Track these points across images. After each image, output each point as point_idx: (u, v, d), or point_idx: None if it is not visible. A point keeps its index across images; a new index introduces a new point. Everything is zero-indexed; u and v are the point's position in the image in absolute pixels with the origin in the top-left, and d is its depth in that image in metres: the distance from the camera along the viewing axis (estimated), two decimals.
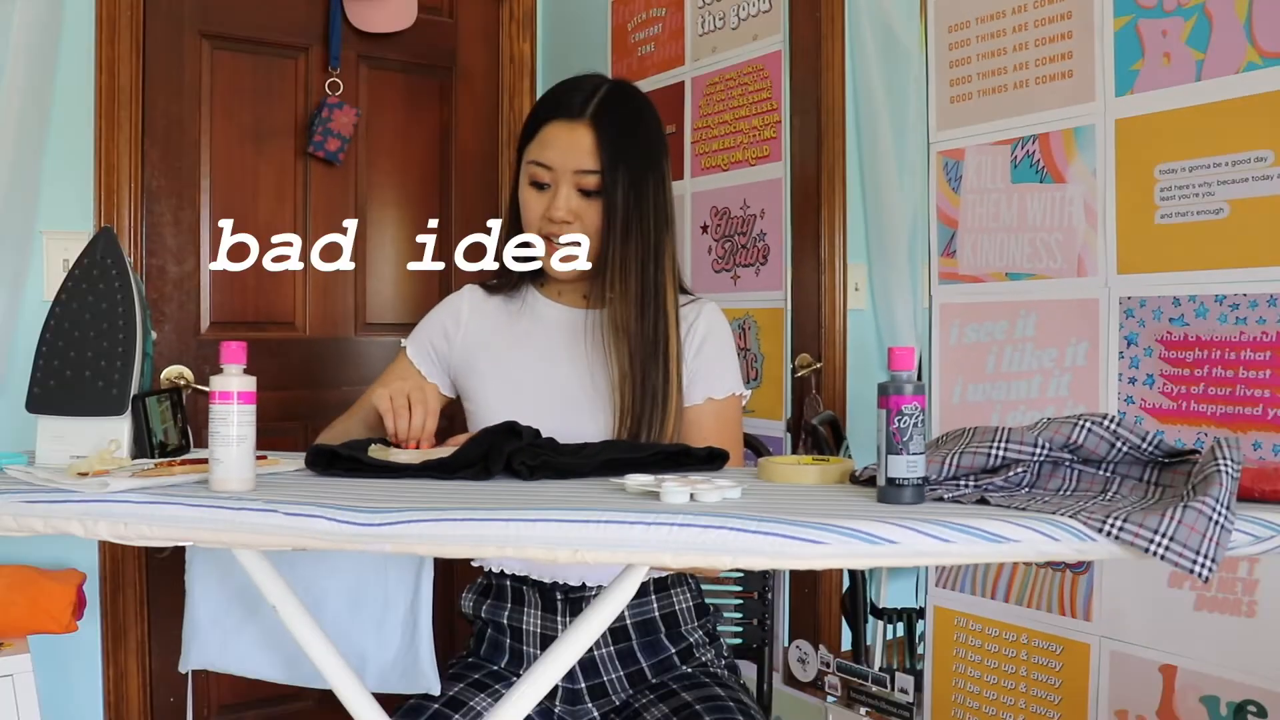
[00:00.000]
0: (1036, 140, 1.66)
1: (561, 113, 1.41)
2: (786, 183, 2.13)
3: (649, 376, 1.39)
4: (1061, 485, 1.06)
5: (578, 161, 1.39)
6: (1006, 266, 1.71)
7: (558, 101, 1.43)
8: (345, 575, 1.32)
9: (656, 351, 1.40)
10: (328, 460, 1.17)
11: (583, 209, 1.41)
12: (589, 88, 1.43)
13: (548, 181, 1.42)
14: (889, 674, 1.91)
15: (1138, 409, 1.53)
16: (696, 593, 1.52)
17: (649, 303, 1.41)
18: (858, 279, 2.11)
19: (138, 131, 2.28)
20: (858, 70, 2.09)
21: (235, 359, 1.08)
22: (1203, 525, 0.88)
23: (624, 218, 1.39)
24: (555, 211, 1.40)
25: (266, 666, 1.35)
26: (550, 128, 1.41)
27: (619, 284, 1.40)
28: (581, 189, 1.40)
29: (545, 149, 1.41)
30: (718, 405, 1.47)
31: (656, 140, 1.47)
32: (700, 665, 1.48)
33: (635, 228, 1.40)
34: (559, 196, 1.40)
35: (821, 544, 0.88)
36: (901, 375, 1.02)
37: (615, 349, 1.40)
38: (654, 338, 1.40)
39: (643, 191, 1.41)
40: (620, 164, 1.39)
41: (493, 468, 1.13)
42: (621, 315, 1.40)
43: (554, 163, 1.40)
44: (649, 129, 1.46)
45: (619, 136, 1.40)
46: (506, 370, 1.49)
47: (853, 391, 2.09)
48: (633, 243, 1.40)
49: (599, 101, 1.41)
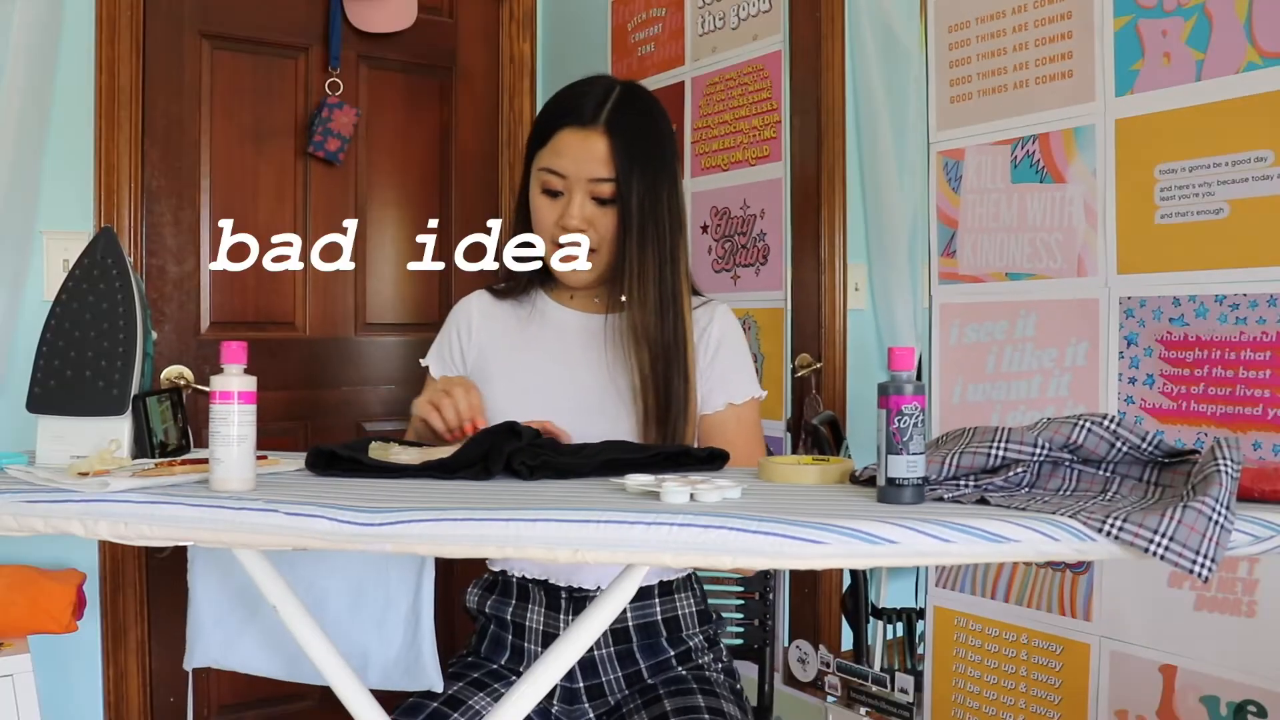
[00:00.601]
0: (1036, 140, 1.66)
1: (574, 119, 1.39)
2: (786, 183, 2.13)
3: (672, 382, 1.39)
4: (1061, 485, 1.07)
5: (592, 170, 1.38)
6: (1006, 266, 1.71)
7: (570, 107, 1.41)
8: (346, 574, 1.32)
9: (677, 357, 1.40)
10: (328, 461, 1.18)
11: (596, 216, 1.40)
12: (600, 92, 1.41)
13: (560, 189, 1.41)
14: (889, 674, 1.91)
15: (1138, 409, 1.53)
16: (700, 598, 1.52)
17: (668, 308, 1.40)
18: (858, 279, 2.11)
19: (138, 131, 2.28)
20: (858, 70, 2.09)
21: (235, 359, 1.08)
22: (1202, 525, 0.88)
23: (640, 224, 1.39)
24: (569, 220, 1.40)
25: (269, 665, 1.35)
26: (563, 135, 1.40)
27: (638, 291, 1.40)
28: (595, 197, 1.39)
29: (558, 157, 1.40)
30: (739, 410, 1.48)
31: (668, 143, 1.47)
32: (696, 668, 1.48)
33: (652, 233, 1.40)
34: (573, 204, 1.39)
35: (821, 544, 0.88)
36: (901, 375, 1.02)
37: (636, 355, 1.40)
38: (674, 343, 1.40)
39: (658, 196, 1.40)
40: (635, 171, 1.38)
41: (493, 468, 1.13)
42: (641, 322, 1.40)
43: (568, 171, 1.39)
44: (661, 132, 1.45)
45: (633, 143, 1.39)
46: (517, 374, 1.49)
47: (853, 391, 2.09)
48: (650, 248, 1.40)
49: (612, 107, 1.40)
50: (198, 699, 2.38)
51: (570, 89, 1.46)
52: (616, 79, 1.47)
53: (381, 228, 2.64)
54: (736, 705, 1.43)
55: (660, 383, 1.39)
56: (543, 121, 1.45)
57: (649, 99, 1.48)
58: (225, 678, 2.36)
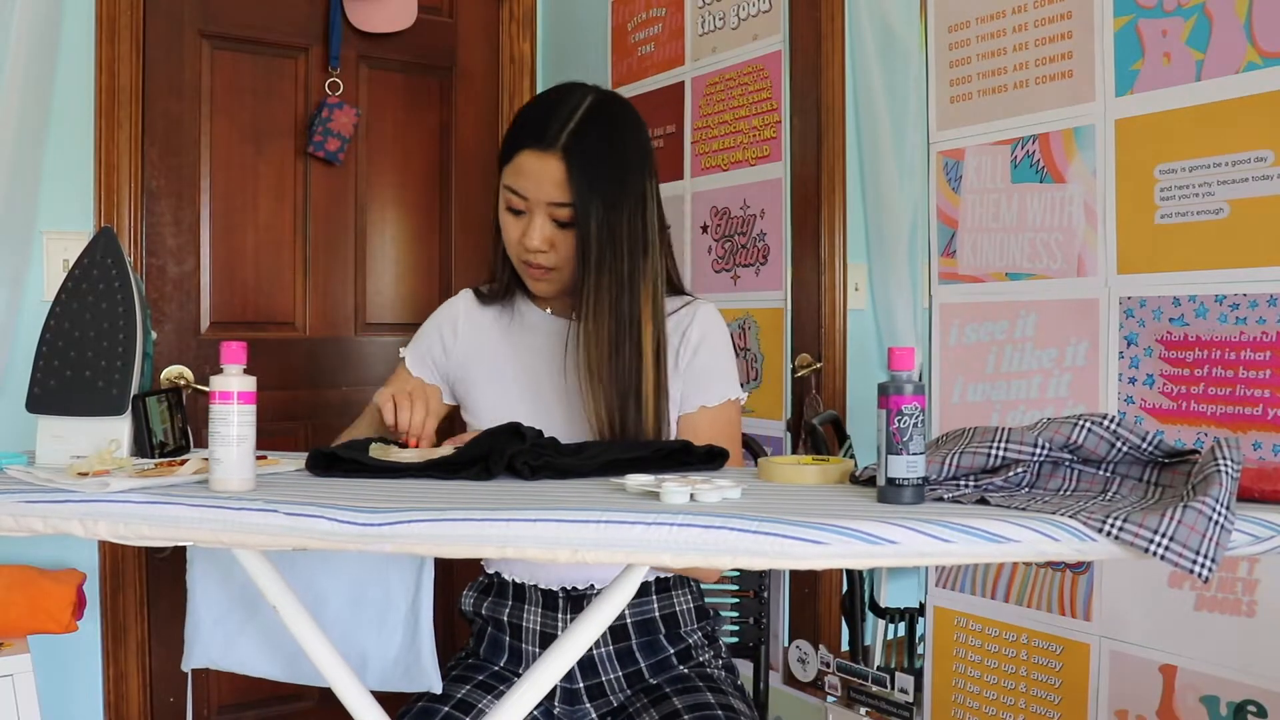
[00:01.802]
0: (1036, 140, 1.66)
1: (533, 141, 1.36)
2: (786, 182, 2.13)
3: (626, 418, 1.37)
4: (1061, 485, 1.06)
5: (549, 194, 1.36)
6: (1006, 266, 1.71)
7: (531, 127, 1.38)
8: (346, 575, 1.32)
9: (629, 391, 1.37)
10: (328, 463, 1.18)
11: (557, 238, 1.38)
12: (565, 113, 1.37)
13: (523, 209, 1.39)
14: (889, 674, 1.91)
15: (1138, 409, 1.53)
16: (697, 594, 1.52)
17: (623, 340, 1.37)
18: (858, 279, 2.10)
19: (138, 131, 2.28)
20: (858, 70, 2.09)
21: (235, 359, 1.08)
22: (1203, 525, 0.88)
23: (597, 251, 1.36)
24: (529, 240, 1.38)
25: (269, 666, 1.35)
26: (523, 156, 1.37)
27: (592, 321, 1.38)
28: (555, 219, 1.38)
29: (519, 177, 1.38)
30: (711, 412, 1.46)
31: (635, 162, 1.41)
32: (697, 665, 1.48)
33: (609, 260, 1.37)
34: (533, 226, 1.38)
35: (822, 544, 0.88)
36: (901, 375, 1.02)
37: (590, 391, 1.38)
38: (628, 376, 1.37)
39: (616, 221, 1.37)
40: (594, 196, 1.35)
41: (494, 468, 1.13)
42: (595, 357, 1.37)
43: (528, 192, 1.37)
44: (626, 151, 1.40)
45: (592, 166, 1.35)
46: (500, 379, 1.49)
47: (853, 391, 2.09)
48: (606, 274, 1.37)
49: (572, 130, 1.35)
50: (197, 699, 2.38)
51: (538, 103, 1.43)
52: (590, 89, 1.42)
53: (381, 228, 2.64)
54: (743, 702, 1.44)
55: (615, 420, 1.37)
56: (508, 138, 1.41)
57: (619, 113, 1.42)
58: (225, 678, 2.36)
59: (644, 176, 1.42)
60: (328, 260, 2.56)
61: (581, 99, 1.39)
